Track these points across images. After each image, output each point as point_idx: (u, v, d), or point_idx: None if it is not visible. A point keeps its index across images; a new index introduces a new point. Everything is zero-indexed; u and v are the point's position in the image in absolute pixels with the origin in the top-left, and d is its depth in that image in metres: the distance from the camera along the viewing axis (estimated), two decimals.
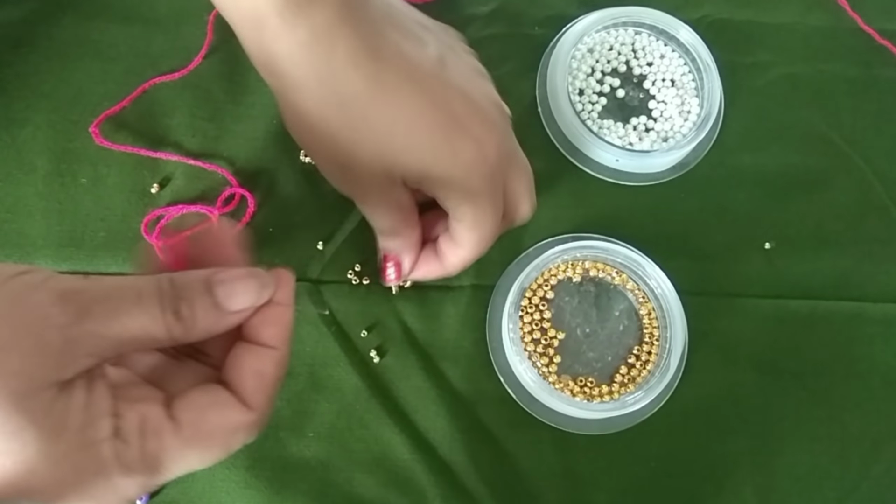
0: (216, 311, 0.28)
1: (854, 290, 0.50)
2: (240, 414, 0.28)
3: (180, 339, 0.28)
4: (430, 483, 0.45)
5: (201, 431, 0.27)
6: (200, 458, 0.28)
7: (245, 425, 0.28)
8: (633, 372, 0.47)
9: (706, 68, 0.52)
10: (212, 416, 0.28)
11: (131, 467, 0.25)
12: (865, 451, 0.47)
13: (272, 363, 0.29)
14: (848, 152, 0.53)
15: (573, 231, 0.50)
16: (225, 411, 0.28)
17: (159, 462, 0.26)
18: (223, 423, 0.28)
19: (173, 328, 0.27)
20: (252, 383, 0.29)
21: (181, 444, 0.27)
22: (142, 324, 0.27)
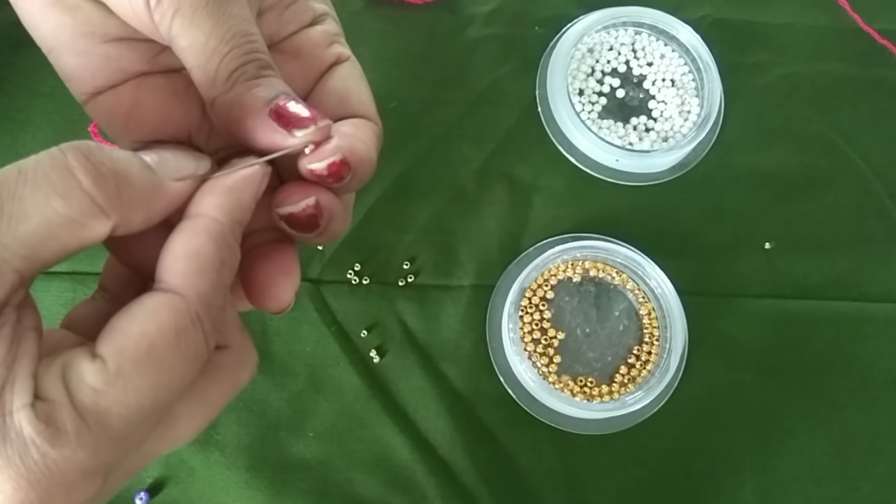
0: (149, 173, 0.22)
1: (854, 290, 0.50)
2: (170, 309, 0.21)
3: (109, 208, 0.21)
4: (430, 483, 0.45)
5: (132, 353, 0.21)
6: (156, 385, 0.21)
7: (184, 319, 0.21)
8: (633, 372, 0.47)
9: (706, 68, 0.52)
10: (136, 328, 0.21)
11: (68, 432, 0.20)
12: (865, 451, 0.47)
13: (208, 239, 0.23)
14: (848, 152, 0.53)
15: (573, 231, 0.50)
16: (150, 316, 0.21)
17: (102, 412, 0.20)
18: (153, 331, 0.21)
19: (101, 195, 0.21)
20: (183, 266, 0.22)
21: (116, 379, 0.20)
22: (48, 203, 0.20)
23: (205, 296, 0.22)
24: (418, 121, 0.51)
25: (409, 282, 0.48)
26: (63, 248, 0.21)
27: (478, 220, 0.50)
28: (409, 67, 0.53)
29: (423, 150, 0.51)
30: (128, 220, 0.22)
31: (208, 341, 0.22)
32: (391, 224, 0.49)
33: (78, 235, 0.21)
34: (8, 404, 0.19)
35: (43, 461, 0.19)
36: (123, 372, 0.20)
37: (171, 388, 0.21)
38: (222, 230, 0.23)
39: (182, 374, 0.22)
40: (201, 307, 0.22)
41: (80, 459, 0.20)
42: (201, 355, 0.22)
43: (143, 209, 0.22)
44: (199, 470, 0.44)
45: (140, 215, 0.22)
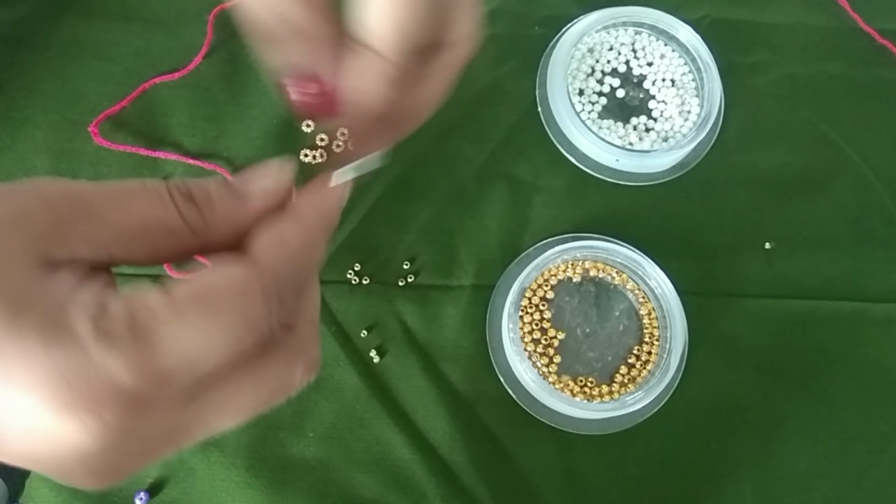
0: (232, 193, 0.25)
1: (854, 290, 0.50)
2: (243, 268, 0.22)
3: (198, 228, 0.24)
4: (430, 483, 0.45)
5: (197, 292, 0.22)
6: (209, 329, 0.22)
7: (253, 282, 0.22)
8: (634, 372, 0.47)
9: (706, 68, 0.52)
10: (207, 275, 0.22)
11: (113, 337, 0.20)
12: (865, 450, 0.47)
13: (294, 225, 0.24)
14: (848, 152, 0.53)
15: (573, 231, 0.50)
16: (223, 268, 0.22)
17: (153, 333, 0.21)
18: (222, 280, 0.22)
19: (187, 211, 0.23)
20: (265, 239, 0.24)
21: (176, 308, 0.21)
22: (146, 206, 0.23)
23: (279, 271, 0.23)
24: None
25: (409, 282, 0.48)
26: (153, 249, 0.23)
27: (478, 220, 0.50)
28: None
29: (423, 150, 0.51)
30: (214, 237, 0.24)
31: (271, 313, 0.23)
32: (391, 224, 0.49)
33: (169, 243, 0.24)
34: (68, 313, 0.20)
35: (85, 363, 0.20)
36: (185, 307, 0.21)
37: (225, 345, 0.22)
38: (311, 222, 0.25)
39: (238, 331, 0.22)
40: (272, 281, 0.23)
41: (121, 374, 0.20)
42: (260, 325, 0.23)
43: (228, 225, 0.25)
44: (199, 470, 0.44)
45: (225, 231, 0.25)
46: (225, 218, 0.24)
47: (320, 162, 0.50)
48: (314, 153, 0.50)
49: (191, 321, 0.21)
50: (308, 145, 0.50)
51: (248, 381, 0.24)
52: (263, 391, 0.25)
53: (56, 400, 0.20)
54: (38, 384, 0.20)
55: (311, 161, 0.50)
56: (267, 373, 0.25)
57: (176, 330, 0.21)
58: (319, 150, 0.50)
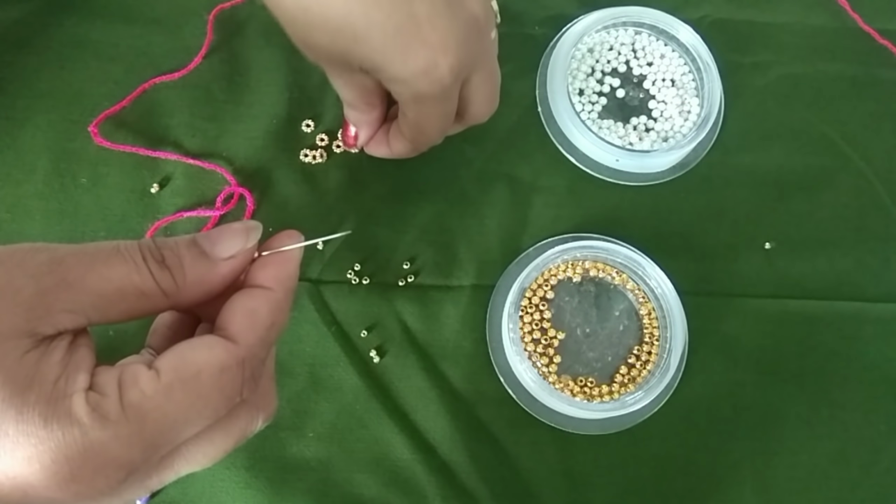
0: (203, 258, 0.27)
1: (854, 290, 0.50)
2: (223, 349, 0.25)
3: (171, 292, 0.26)
4: (430, 483, 0.45)
5: (183, 373, 0.24)
6: (192, 407, 0.24)
7: (231, 361, 0.25)
8: (634, 372, 0.47)
9: (706, 68, 0.52)
10: (192, 355, 0.25)
11: (111, 420, 0.23)
12: (865, 451, 0.47)
13: (265, 303, 0.27)
14: (848, 152, 0.53)
15: (573, 231, 0.50)
16: (206, 349, 0.25)
17: (144, 413, 0.23)
18: (204, 361, 0.25)
19: (160, 277, 0.26)
20: (240, 320, 0.26)
21: (164, 390, 0.24)
22: (123, 273, 0.25)
23: (252, 347, 0.26)
24: None
25: (409, 282, 0.48)
26: (128, 311, 0.26)
27: (478, 220, 0.50)
28: None
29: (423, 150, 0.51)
30: (185, 298, 0.27)
31: (244, 387, 0.26)
32: (391, 224, 0.49)
33: (143, 305, 0.26)
34: (62, 389, 0.23)
35: (83, 440, 0.22)
36: (172, 385, 0.24)
37: (203, 416, 0.25)
38: (276, 297, 0.28)
39: (215, 406, 0.25)
40: (247, 355, 0.26)
41: (114, 448, 0.23)
42: (235, 396, 0.26)
43: (198, 288, 0.27)
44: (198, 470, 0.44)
45: (195, 293, 0.27)
46: (195, 281, 0.27)
47: (320, 162, 0.50)
48: (314, 153, 0.50)
49: (177, 400, 0.24)
50: (308, 145, 0.50)
51: (216, 435, 0.27)
52: (229, 442, 0.28)
53: (56, 474, 0.22)
54: (40, 460, 0.22)
55: (311, 161, 0.50)
56: (233, 427, 0.28)
57: (163, 408, 0.24)
58: (319, 150, 0.50)
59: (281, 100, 0.51)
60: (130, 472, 0.23)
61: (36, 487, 0.22)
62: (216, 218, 0.48)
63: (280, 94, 0.51)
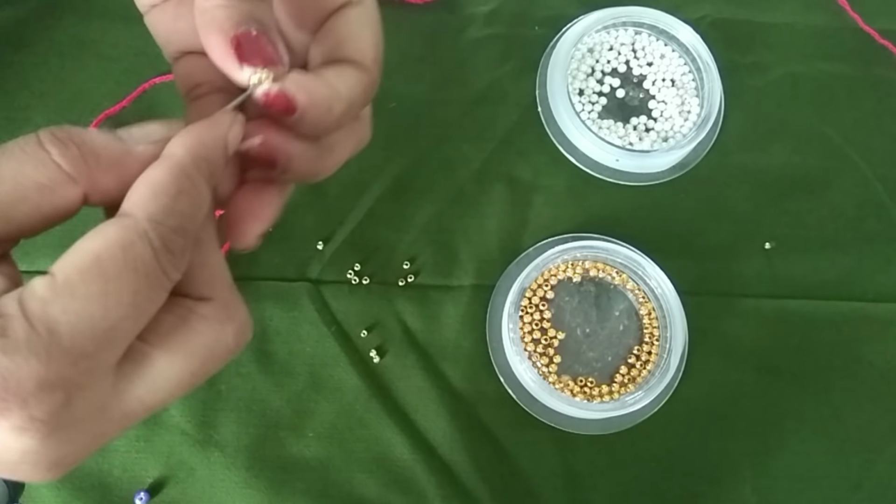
0: (117, 141, 0.24)
1: (854, 290, 0.50)
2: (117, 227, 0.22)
3: (79, 174, 0.23)
4: (430, 483, 0.45)
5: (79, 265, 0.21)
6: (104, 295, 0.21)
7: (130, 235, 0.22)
8: (633, 372, 0.47)
9: (706, 68, 0.52)
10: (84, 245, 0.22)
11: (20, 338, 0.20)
12: (865, 450, 0.47)
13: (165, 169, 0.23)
14: (848, 152, 0.53)
15: (573, 231, 0.50)
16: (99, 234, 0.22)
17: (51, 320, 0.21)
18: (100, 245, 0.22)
19: (64, 158, 0.22)
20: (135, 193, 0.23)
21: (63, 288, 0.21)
22: (13, 165, 0.22)
23: (154, 215, 0.22)
24: (418, 121, 0.51)
25: (409, 282, 0.48)
26: (37, 211, 0.23)
27: (478, 220, 0.50)
28: (409, 67, 0.53)
29: (423, 150, 0.51)
30: (99, 186, 0.23)
31: (161, 260, 0.22)
32: (391, 224, 0.49)
33: (49, 200, 0.23)
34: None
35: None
36: (69, 281, 0.21)
37: (122, 302, 0.21)
38: (180, 162, 0.23)
39: (132, 288, 0.22)
40: (150, 225, 0.22)
41: (34, 368, 0.20)
42: (154, 273, 0.22)
43: (113, 174, 0.23)
44: (199, 470, 0.44)
45: (111, 180, 0.24)
46: (110, 166, 0.23)
47: None
48: None
49: (80, 293, 0.21)
50: None
51: (175, 354, 0.24)
52: (195, 361, 0.24)
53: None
54: None
55: None
56: (194, 343, 0.24)
57: (72, 308, 0.21)
58: None
59: None
60: (69, 391, 0.21)
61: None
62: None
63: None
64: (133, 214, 0.22)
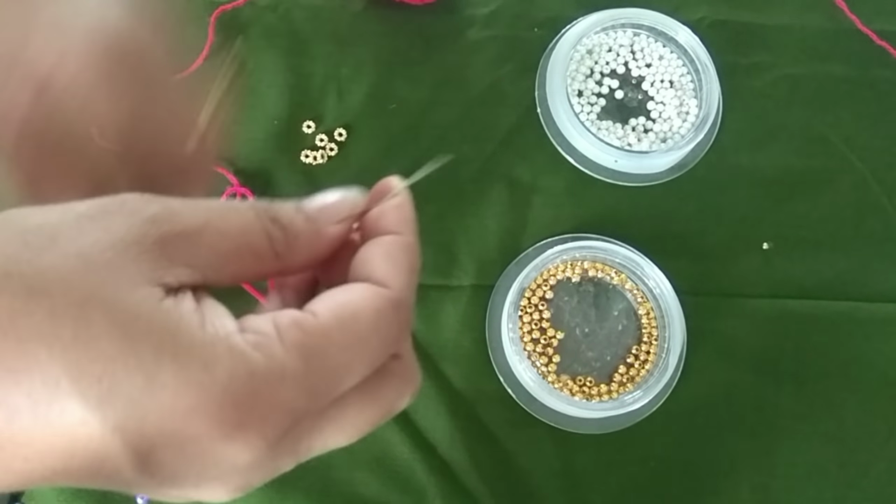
0: (311, 222, 0.25)
1: (853, 290, 0.50)
2: (376, 292, 0.23)
3: (282, 253, 0.24)
4: (430, 483, 0.45)
5: (340, 314, 0.22)
6: (353, 350, 0.22)
7: (386, 303, 0.23)
8: (632, 371, 0.47)
9: (704, 69, 0.52)
10: (346, 297, 0.23)
11: (277, 358, 0.20)
12: (865, 450, 0.47)
13: (400, 247, 0.25)
14: (847, 153, 0.53)
15: (572, 231, 0.50)
16: (360, 292, 0.23)
17: (307, 353, 0.21)
18: (360, 303, 0.23)
19: (274, 236, 0.24)
20: (382, 265, 0.24)
21: (324, 329, 0.22)
22: (239, 229, 0.23)
23: (402, 290, 0.24)
24: (418, 122, 0.52)
25: None
26: (242, 273, 0.24)
27: (478, 220, 0.50)
28: (409, 69, 0.53)
29: (423, 150, 0.51)
30: (294, 262, 0.25)
31: (401, 333, 0.24)
32: None
33: (256, 267, 0.24)
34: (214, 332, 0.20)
35: (251, 381, 0.20)
36: (331, 325, 0.22)
37: (363, 362, 0.23)
38: (408, 240, 0.26)
39: (374, 351, 0.23)
40: (399, 298, 0.24)
41: (282, 389, 0.20)
42: (392, 344, 0.24)
43: (307, 253, 0.25)
44: None
45: (304, 258, 0.25)
46: (305, 244, 0.25)
47: (322, 163, 0.50)
48: (315, 154, 0.50)
49: (337, 341, 0.22)
50: (309, 146, 0.50)
51: (367, 402, 0.24)
52: (377, 413, 0.25)
53: (224, 423, 0.20)
54: (206, 410, 0.19)
55: (313, 162, 0.50)
56: (382, 396, 0.25)
57: (326, 349, 0.22)
58: (320, 151, 0.50)
59: (282, 101, 0.51)
60: (295, 422, 0.21)
61: (201, 442, 0.20)
62: None
63: (281, 96, 0.51)
64: (389, 286, 0.24)
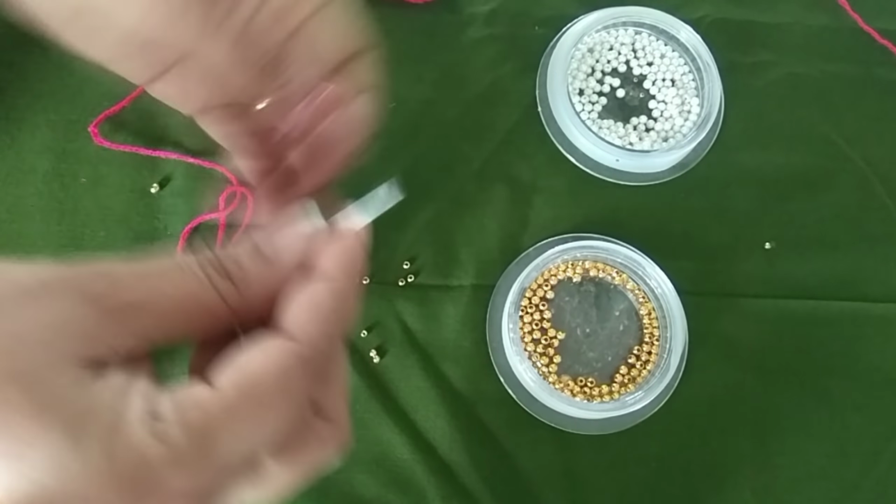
0: (268, 266, 0.25)
1: (854, 290, 0.50)
2: (281, 350, 0.22)
3: (236, 304, 0.24)
4: (430, 483, 0.45)
5: (243, 384, 0.22)
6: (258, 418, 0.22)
7: (292, 360, 0.22)
8: (634, 372, 0.47)
9: (706, 68, 0.52)
10: (249, 363, 0.22)
11: (173, 446, 0.20)
12: (865, 450, 0.48)
13: (326, 294, 0.24)
14: (848, 152, 0.53)
15: (573, 231, 0.50)
16: (262, 354, 0.22)
17: (208, 435, 0.21)
18: (263, 366, 0.22)
19: (226, 291, 0.24)
20: (297, 314, 0.24)
21: (226, 406, 0.21)
22: (186, 290, 0.23)
23: (313, 343, 0.23)
24: (418, 121, 0.51)
25: (409, 282, 0.48)
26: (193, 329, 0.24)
27: (478, 220, 0.50)
28: (409, 67, 0.53)
29: (423, 150, 0.51)
30: (251, 306, 0.24)
31: (312, 389, 0.23)
32: (391, 224, 0.49)
33: (207, 321, 0.24)
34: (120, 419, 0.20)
35: (147, 472, 0.20)
36: (231, 401, 0.21)
37: (271, 428, 0.22)
38: (342, 288, 0.25)
39: (283, 414, 0.22)
40: (310, 352, 0.23)
41: (180, 478, 0.20)
42: (304, 401, 0.23)
43: (264, 294, 0.25)
44: None
45: (261, 299, 0.25)
46: (257, 286, 0.24)
47: None
48: None
49: (241, 416, 0.21)
50: None
51: (287, 468, 0.24)
52: (302, 477, 0.25)
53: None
54: (100, 497, 0.19)
55: None
56: (306, 460, 0.25)
57: (228, 427, 0.21)
58: None
59: None
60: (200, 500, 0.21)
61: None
62: (223, 219, 0.48)
63: None
64: (296, 338, 0.23)
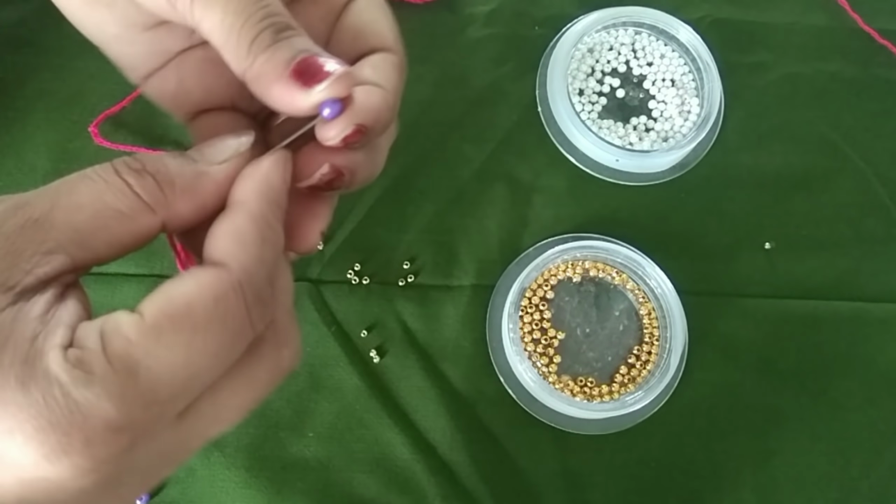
0: (191, 163, 0.24)
1: (854, 290, 0.50)
2: (212, 276, 0.21)
3: (157, 203, 0.23)
4: (430, 483, 0.45)
5: (170, 310, 0.21)
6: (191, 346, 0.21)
7: (225, 286, 0.21)
8: (633, 372, 0.47)
9: (706, 68, 0.52)
10: (177, 290, 0.21)
11: (95, 375, 0.19)
12: (865, 451, 0.47)
13: (247, 219, 0.23)
14: (848, 152, 0.53)
15: (573, 231, 0.50)
16: (192, 280, 0.21)
17: (133, 363, 0.20)
18: (193, 293, 0.21)
19: (142, 188, 0.22)
20: (223, 242, 0.23)
21: (151, 331, 0.20)
22: (92, 195, 0.22)
23: (246, 268, 0.22)
24: (418, 121, 0.51)
25: (409, 282, 0.48)
26: (115, 239, 0.22)
27: (478, 220, 0.50)
28: (409, 67, 0.52)
29: (423, 150, 0.51)
30: (178, 213, 0.23)
31: (251, 314, 0.22)
32: (391, 224, 0.49)
33: (128, 228, 0.22)
34: (38, 347, 0.20)
35: (65, 401, 0.19)
36: (157, 325, 0.20)
37: (207, 353, 0.21)
38: (260, 211, 0.23)
39: (220, 340, 0.21)
40: (243, 277, 0.22)
41: (105, 407, 0.19)
42: (243, 327, 0.22)
43: (190, 199, 0.23)
44: (199, 470, 0.44)
45: (189, 205, 0.23)
46: (186, 191, 0.23)
47: None
48: None
49: (167, 340, 0.20)
50: None
51: (239, 384, 0.23)
52: (256, 390, 0.24)
53: (44, 445, 0.19)
54: (22, 430, 0.19)
55: None
56: (257, 372, 0.24)
57: (156, 354, 0.20)
58: None
59: None
60: (136, 436, 0.20)
61: (27, 468, 0.19)
62: None
63: None
64: (227, 264, 0.22)
